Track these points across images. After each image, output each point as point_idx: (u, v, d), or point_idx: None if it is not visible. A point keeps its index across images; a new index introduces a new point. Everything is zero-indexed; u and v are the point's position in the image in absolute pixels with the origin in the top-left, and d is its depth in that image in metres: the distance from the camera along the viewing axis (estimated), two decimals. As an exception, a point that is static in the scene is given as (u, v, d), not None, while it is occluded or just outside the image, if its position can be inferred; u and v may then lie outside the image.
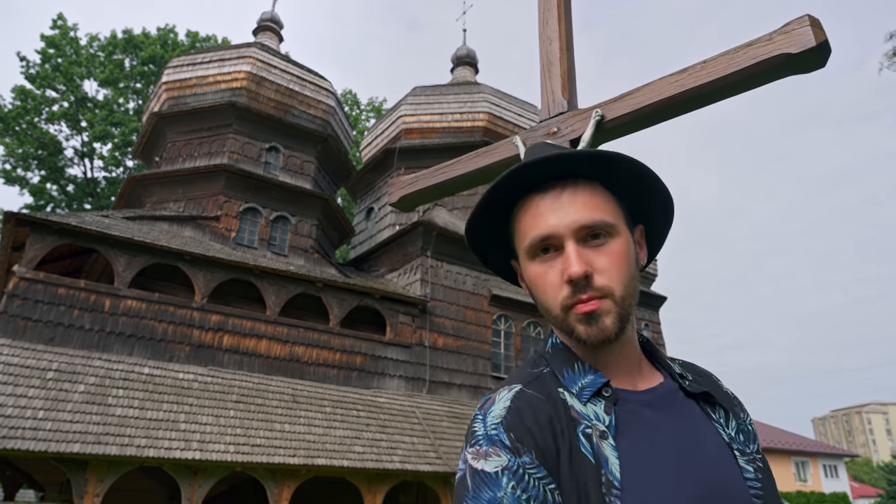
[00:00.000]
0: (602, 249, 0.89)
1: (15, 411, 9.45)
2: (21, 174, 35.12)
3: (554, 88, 2.91)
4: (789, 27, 2.25)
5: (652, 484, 0.80)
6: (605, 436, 0.84)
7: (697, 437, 0.88)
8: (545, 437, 0.83)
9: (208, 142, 15.61)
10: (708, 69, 2.43)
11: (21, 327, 10.89)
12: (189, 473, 10.32)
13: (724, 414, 0.93)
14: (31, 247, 11.40)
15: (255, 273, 13.40)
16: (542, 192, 0.91)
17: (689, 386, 0.93)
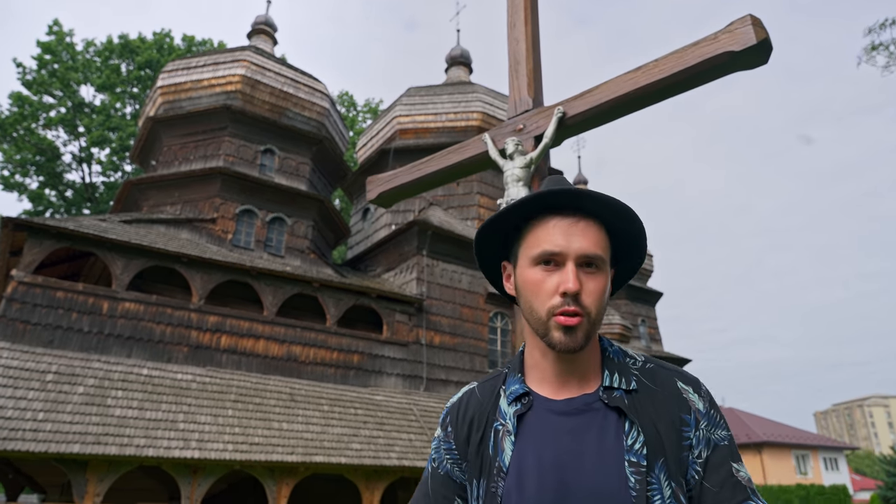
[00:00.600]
0: (592, 277, 1.07)
1: (15, 413, 9.59)
2: (19, 180, 35.21)
3: (521, 87, 3.06)
4: (733, 27, 2.39)
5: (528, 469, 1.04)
6: (509, 433, 1.09)
7: (592, 442, 1.04)
8: (463, 426, 1.17)
9: (204, 145, 15.74)
10: (660, 67, 2.57)
11: (20, 331, 11.03)
12: (188, 472, 10.46)
13: (632, 427, 1.04)
14: (28, 251, 11.54)
15: (252, 274, 13.54)
16: (562, 216, 1.07)
17: (608, 398, 1.08)
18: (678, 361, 22.31)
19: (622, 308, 22.01)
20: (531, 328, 1.12)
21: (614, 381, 1.10)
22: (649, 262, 24.51)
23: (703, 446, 1.07)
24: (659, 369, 1.15)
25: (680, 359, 22.37)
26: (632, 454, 1.02)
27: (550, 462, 1.04)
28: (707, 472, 1.06)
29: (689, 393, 1.11)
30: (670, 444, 1.05)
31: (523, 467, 1.05)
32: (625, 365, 1.14)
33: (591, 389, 1.11)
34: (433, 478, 1.20)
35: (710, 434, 1.08)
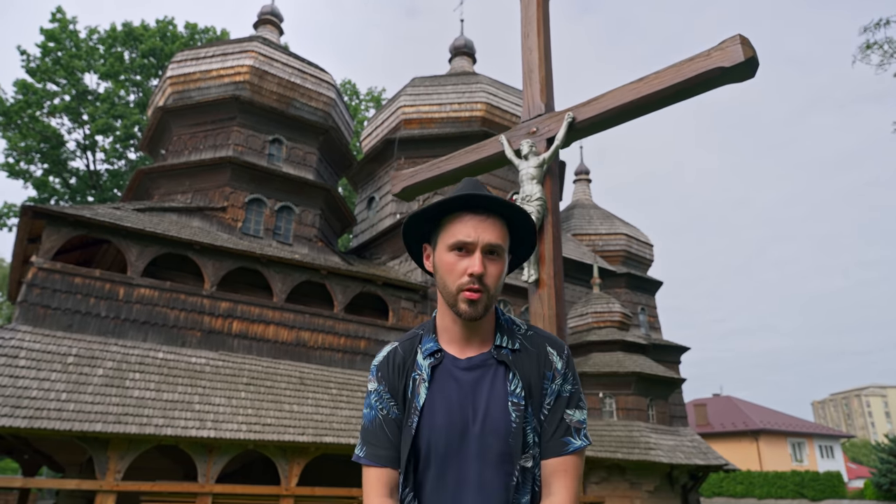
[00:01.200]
0: (493, 263, 1.40)
1: (39, 393, 10.00)
2: (24, 168, 35.40)
3: (534, 93, 3.41)
4: (724, 45, 2.74)
5: (439, 408, 1.37)
6: (424, 381, 1.41)
7: (485, 388, 1.39)
8: (393, 376, 1.45)
9: (213, 134, 16.04)
10: (660, 79, 2.92)
11: (41, 315, 11.41)
12: (204, 451, 10.88)
13: (514, 377, 1.39)
14: (47, 238, 11.90)
15: (262, 261, 13.90)
16: (474, 214, 1.40)
17: (497, 355, 1.42)
18: (677, 349, 22.71)
19: (622, 297, 22.37)
20: (443, 299, 1.43)
21: (504, 341, 1.44)
22: (649, 252, 24.82)
23: (553, 396, 1.41)
24: (535, 335, 1.49)
25: (679, 346, 22.76)
26: (513, 396, 1.37)
27: (455, 402, 1.37)
28: (549, 414, 1.40)
29: (554, 356, 1.44)
30: (537, 391, 1.40)
31: (434, 406, 1.37)
32: (512, 330, 1.48)
33: (487, 348, 1.45)
34: (386, 422, 1.43)
35: (560, 388, 1.42)
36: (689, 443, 16.53)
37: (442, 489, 1.33)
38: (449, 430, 1.35)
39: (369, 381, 1.50)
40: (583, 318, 17.77)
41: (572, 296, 19.74)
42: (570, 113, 3.18)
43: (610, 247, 23.64)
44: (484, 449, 1.33)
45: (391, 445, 1.40)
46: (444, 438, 1.35)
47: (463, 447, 1.34)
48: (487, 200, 1.39)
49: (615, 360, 16.35)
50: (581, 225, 24.10)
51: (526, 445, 1.34)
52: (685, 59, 2.86)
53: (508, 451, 1.32)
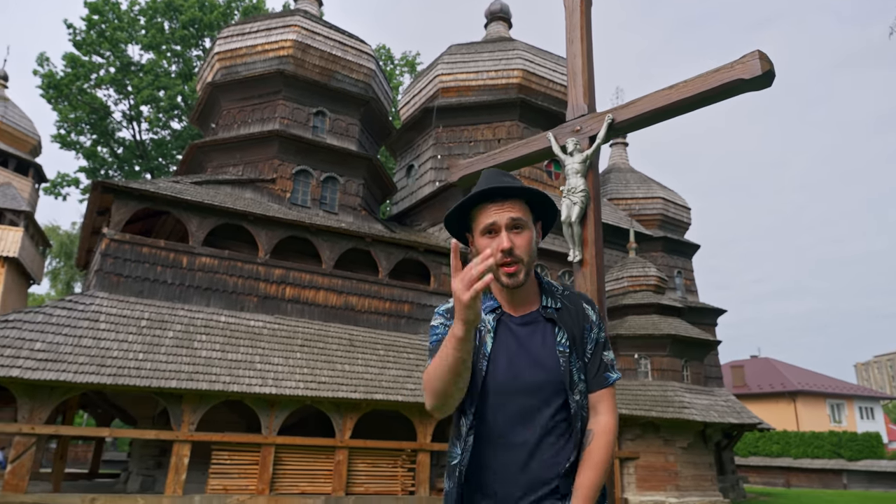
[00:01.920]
0: (519, 235, 1.65)
1: (120, 353, 11.05)
2: (75, 139, 36.85)
3: (578, 95, 3.89)
4: (745, 59, 3.19)
5: (502, 355, 1.66)
6: (489, 332, 1.69)
7: (538, 340, 1.68)
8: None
9: (260, 108, 16.72)
10: (688, 87, 3.39)
11: (115, 282, 12.45)
12: (266, 406, 11.88)
13: (560, 330, 1.68)
14: (116, 211, 12.85)
15: (311, 230, 14.67)
16: (494, 202, 1.66)
17: (545, 313, 1.71)
18: (713, 312, 22.93)
19: (659, 260, 22.58)
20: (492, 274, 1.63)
21: (548, 302, 1.73)
22: (686, 215, 24.80)
23: (593, 343, 1.72)
24: (571, 294, 1.78)
25: (715, 309, 22.96)
26: (559, 346, 1.66)
27: (514, 351, 1.65)
28: (591, 356, 1.71)
29: (589, 310, 1.75)
30: (580, 340, 1.69)
31: (498, 352, 1.65)
32: (553, 292, 1.76)
33: (534, 308, 1.72)
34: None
35: (596, 335, 1.74)
36: (724, 402, 16.99)
37: (504, 419, 1.62)
38: (511, 371, 1.63)
39: (434, 319, 1.77)
40: (619, 282, 18.17)
41: (609, 260, 20.09)
42: (610, 115, 3.66)
43: (647, 211, 23.73)
44: (539, 386, 1.62)
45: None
46: (510, 378, 1.63)
47: (525, 385, 1.62)
48: (501, 190, 1.66)
49: (650, 322, 16.78)
50: (618, 189, 24.19)
51: (573, 383, 1.64)
52: (711, 70, 3.31)
53: (561, 389, 1.62)
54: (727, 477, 20.48)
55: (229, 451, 11.63)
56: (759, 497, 21.53)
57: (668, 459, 15.27)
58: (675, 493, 15.00)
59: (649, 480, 15.15)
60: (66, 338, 10.87)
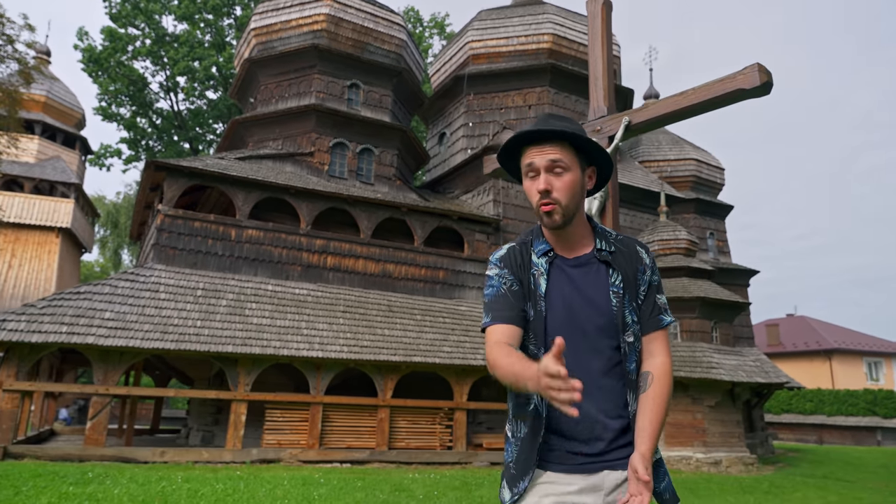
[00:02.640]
0: (559, 177, 1.63)
1: (179, 321, 12.01)
2: (115, 111, 38.03)
3: (598, 98, 4.33)
4: (746, 70, 3.61)
5: (557, 296, 1.66)
6: (542, 275, 1.68)
7: (591, 281, 1.68)
8: (514, 266, 1.70)
9: (296, 83, 17.24)
10: (696, 94, 3.83)
11: (170, 255, 13.38)
12: (313, 368, 12.78)
13: (614, 272, 1.68)
14: (168, 188, 13.69)
15: (349, 202, 15.32)
16: (535, 144, 1.64)
17: (599, 255, 1.69)
18: (746, 273, 23.03)
19: (691, 222, 22.66)
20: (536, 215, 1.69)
21: (602, 245, 1.71)
22: (720, 176, 24.66)
23: (646, 285, 1.71)
24: (626, 239, 1.76)
25: (748, 270, 23.05)
26: (614, 287, 1.66)
27: (569, 291, 1.66)
28: (645, 298, 1.70)
29: (643, 253, 1.73)
30: (633, 282, 1.68)
31: (552, 293, 1.65)
32: (606, 236, 1.74)
33: (588, 250, 1.71)
34: (511, 293, 1.67)
35: (650, 278, 1.72)
36: (752, 362, 17.34)
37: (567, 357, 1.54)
38: (567, 312, 1.64)
39: (490, 269, 1.75)
40: (650, 245, 18.44)
41: (640, 223, 20.32)
42: (626, 117, 4.10)
43: (679, 172, 23.70)
44: (594, 327, 1.63)
45: (515, 307, 1.64)
46: (566, 319, 1.63)
47: (580, 325, 1.63)
48: (539, 133, 1.63)
49: (680, 285, 17.10)
50: (650, 151, 24.14)
51: (626, 325, 1.64)
52: (715, 80, 3.72)
53: (615, 329, 1.63)
54: (756, 434, 20.96)
55: (281, 410, 12.62)
56: (786, 453, 22.00)
57: (695, 417, 15.81)
58: (703, 448, 15.59)
59: (677, 437, 15.75)
60: (132, 307, 11.85)
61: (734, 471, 15.29)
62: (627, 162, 22.18)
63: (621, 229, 17.72)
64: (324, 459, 12.35)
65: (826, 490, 11.78)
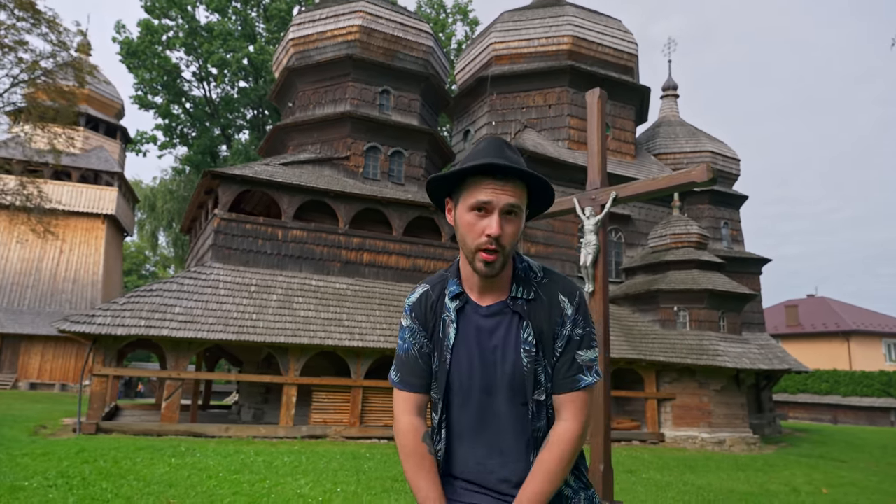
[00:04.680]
0: (511, 222, 1.49)
1: (237, 314, 13.67)
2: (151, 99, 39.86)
3: (594, 173, 5.70)
4: (699, 168, 4.93)
5: (463, 349, 1.57)
6: (452, 322, 1.58)
7: (501, 334, 1.56)
8: (426, 315, 1.62)
9: (332, 90, 18.62)
10: (664, 181, 5.19)
11: (226, 255, 15.02)
12: (354, 356, 14.38)
13: (527, 326, 1.54)
14: (223, 193, 15.27)
15: (383, 203, 16.78)
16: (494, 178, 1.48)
17: (513, 305, 1.56)
18: (758, 261, 24.03)
19: (705, 212, 23.67)
20: (463, 253, 1.56)
21: (519, 292, 1.57)
22: (735, 167, 25.50)
23: (565, 340, 1.55)
24: (550, 283, 1.59)
25: (759, 259, 24.04)
26: (525, 343, 1.52)
27: (475, 344, 1.56)
28: (561, 355, 1.55)
29: (565, 303, 1.56)
30: (549, 336, 1.55)
31: (459, 345, 1.57)
32: (529, 279, 1.59)
33: (504, 297, 1.58)
34: (421, 355, 1.61)
35: (570, 332, 1.55)
36: (757, 349, 18.55)
37: (468, 416, 1.56)
38: (472, 368, 1.54)
39: (403, 318, 1.66)
40: (662, 238, 19.62)
41: (655, 216, 21.43)
42: (614, 192, 5.43)
43: (695, 164, 24.54)
44: (501, 385, 1.53)
45: (422, 374, 1.60)
46: (468, 375, 1.54)
47: (484, 383, 1.54)
48: (506, 168, 1.47)
49: (690, 277, 18.30)
50: (666, 144, 25.07)
51: (538, 384, 1.52)
52: (677, 172, 5.05)
53: (522, 389, 1.52)
54: (765, 415, 22.22)
55: (326, 392, 14.29)
56: (793, 433, 23.24)
57: (701, 400, 17.15)
58: (708, 429, 16.96)
59: (684, 418, 17.13)
60: (197, 303, 13.54)
61: (737, 450, 16.65)
62: (643, 156, 23.19)
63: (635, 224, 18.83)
64: (364, 436, 14.03)
65: (815, 468, 13.10)
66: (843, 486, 10.76)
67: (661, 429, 17.14)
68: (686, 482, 10.06)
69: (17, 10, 19.84)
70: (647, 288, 18.51)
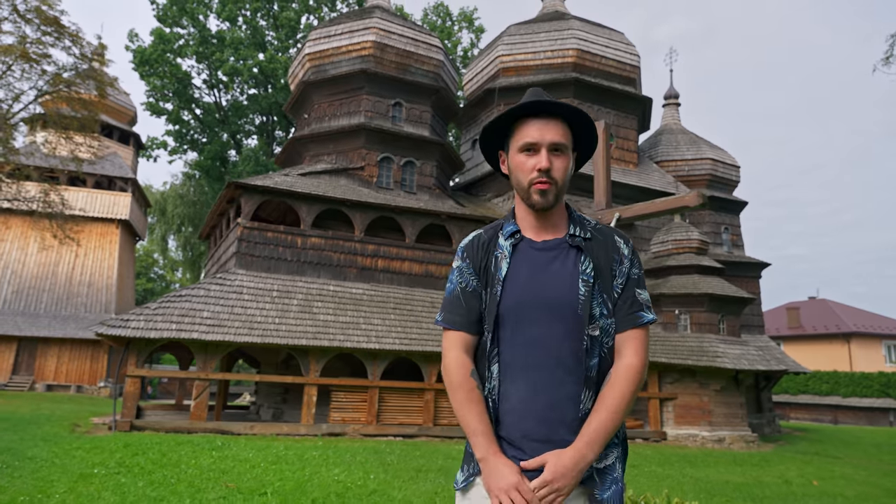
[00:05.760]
0: (558, 158, 1.60)
1: (261, 318, 14.46)
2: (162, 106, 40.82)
3: (600, 196, 6.46)
4: (692, 193, 5.69)
5: (516, 280, 1.62)
6: (506, 258, 1.64)
7: (557, 266, 1.61)
8: (476, 254, 1.69)
9: (347, 102, 19.44)
10: (660, 204, 5.95)
11: (249, 261, 15.83)
12: (370, 357, 15.16)
13: (585, 258, 1.60)
14: (245, 203, 16.08)
15: (396, 211, 17.57)
16: (537, 118, 1.60)
17: (571, 241, 1.63)
18: (757, 265, 24.74)
19: (706, 218, 24.39)
20: (519, 195, 1.67)
21: (577, 231, 1.66)
22: (735, 174, 26.21)
23: (623, 278, 1.63)
24: (605, 228, 1.71)
25: (759, 263, 24.75)
26: (583, 274, 1.58)
27: (531, 275, 1.61)
28: (622, 292, 1.62)
29: (621, 243, 1.66)
30: (607, 273, 1.61)
31: (513, 278, 1.61)
32: (584, 223, 1.69)
33: (560, 235, 1.66)
34: (464, 294, 1.67)
35: (629, 270, 1.64)
36: (755, 351, 19.28)
37: (519, 346, 1.57)
38: (526, 298, 1.58)
39: (455, 260, 1.74)
40: (664, 244, 20.36)
41: (656, 223, 22.16)
42: (618, 213, 6.21)
43: (695, 171, 25.36)
44: (555, 316, 1.56)
45: (465, 313, 1.65)
46: (521, 305, 1.58)
47: (537, 314, 1.57)
48: (549, 105, 1.59)
49: (691, 282, 19.04)
50: (667, 152, 25.81)
51: (592, 317, 1.55)
52: (672, 197, 5.83)
53: (577, 320, 1.54)
54: (764, 415, 22.93)
55: (344, 392, 15.07)
56: (792, 432, 23.94)
57: (702, 399, 17.88)
58: (708, 427, 17.68)
59: (685, 417, 17.86)
60: (223, 307, 14.34)
61: (736, 447, 17.38)
62: (645, 164, 23.94)
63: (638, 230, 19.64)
64: (380, 434, 14.80)
65: (808, 464, 13.83)
66: (834, 479, 11.49)
67: (663, 427, 17.87)
68: (685, 474, 10.80)
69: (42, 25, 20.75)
70: (650, 292, 19.25)
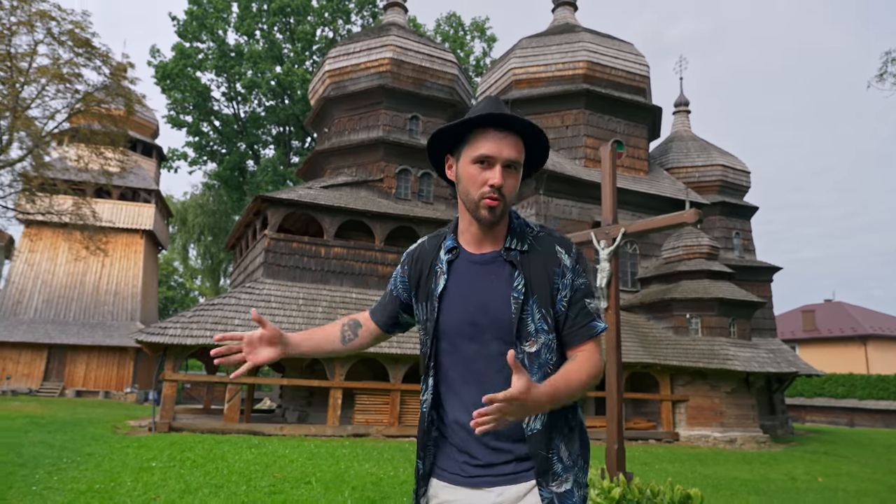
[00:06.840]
0: (511, 175, 1.56)
1: (287, 325, 15.24)
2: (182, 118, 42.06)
3: (607, 212, 7.13)
4: (691, 210, 6.35)
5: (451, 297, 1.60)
6: (443, 273, 1.63)
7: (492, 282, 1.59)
8: (415, 264, 1.72)
9: (366, 117, 20.25)
10: (661, 220, 6.62)
11: (276, 271, 16.63)
12: (392, 362, 15.87)
13: (516, 272, 1.57)
14: (271, 216, 16.91)
15: (414, 221, 18.30)
16: (496, 130, 1.54)
17: (506, 255, 1.60)
18: (768, 270, 25.13)
19: (717, 223, 24.84)
20: (464, 206, 1.62)
21: (513, 244, 1.61)
22: (746, 179, 26.62)
23: (570, 290, 1.59)
24: (546, 236, 1.65)
25: (770, 267, 25.14)
26: (514, 291, 1.55)
27: (466, 291, 1.59)
28: (569, 305, 1.58)
29: (562, 254, 1.61)
30: (544, 286, 1.57)
31: (450, 294, 1.60)
32: (524, 233, 1.64)
33: (498, 248, 1.62)
34: (389, 297, 1.79)
35: (573, 281, 1.59)
36: (766, 353, 19.72)
37: (455, 362, 1.59)
38: (462, 315, 1.57)
39: (400, 264, 1.79)
40: (674, 250, 20.87)
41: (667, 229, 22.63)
42: (623, 228, 6.87)
43: (706, 178, 25.82)
44: (488, 333, 1.55)
45: (385, 313, 1.79)
46: (456, 322, 1.57)
47: (472, 330, 1.56)
48: (509, 119, 1.54)
49: (701, 286, 19.54)
50: (678, 158, 26.30)
51: (528, 334, 1.54)
52: (672, 214, 6.49)
53: (509, 338, 1.54)
54: (777, 416, 23.28)
55: (368, 395, 15.79)
56: (805, 434, 24.26)
57: (713, 401, 18.37)
58: (720, 428, 18.16)
59: (697, 418, 18.36)
60: (253, 315, 15.12)
61: (747, 448, 17.83)
62: (656, 171, 24.48)
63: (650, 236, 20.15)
64: (402, 434, 15.48)
65: (816, 462, 14.29)
66: (839, 476, 11.98)
67: (675, 428, 18.38)
68: (695, 472, 11.37)
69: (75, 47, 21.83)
70: (662, 297, 19.77)
